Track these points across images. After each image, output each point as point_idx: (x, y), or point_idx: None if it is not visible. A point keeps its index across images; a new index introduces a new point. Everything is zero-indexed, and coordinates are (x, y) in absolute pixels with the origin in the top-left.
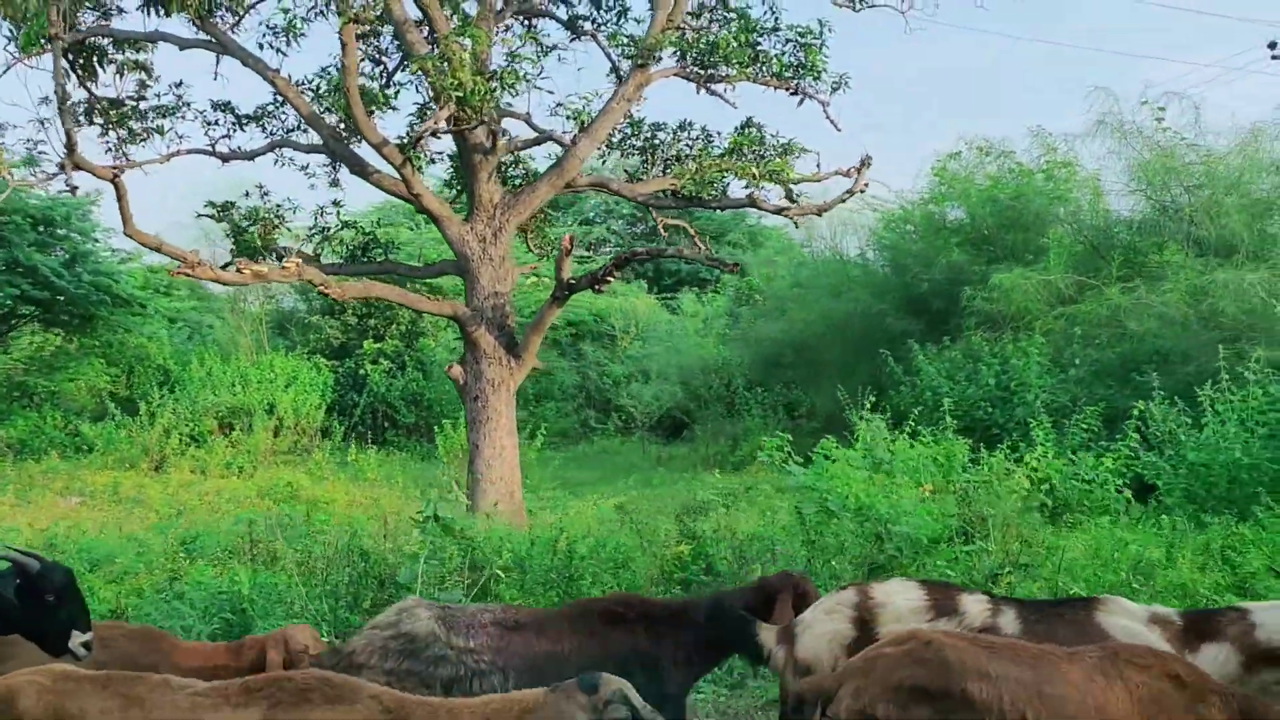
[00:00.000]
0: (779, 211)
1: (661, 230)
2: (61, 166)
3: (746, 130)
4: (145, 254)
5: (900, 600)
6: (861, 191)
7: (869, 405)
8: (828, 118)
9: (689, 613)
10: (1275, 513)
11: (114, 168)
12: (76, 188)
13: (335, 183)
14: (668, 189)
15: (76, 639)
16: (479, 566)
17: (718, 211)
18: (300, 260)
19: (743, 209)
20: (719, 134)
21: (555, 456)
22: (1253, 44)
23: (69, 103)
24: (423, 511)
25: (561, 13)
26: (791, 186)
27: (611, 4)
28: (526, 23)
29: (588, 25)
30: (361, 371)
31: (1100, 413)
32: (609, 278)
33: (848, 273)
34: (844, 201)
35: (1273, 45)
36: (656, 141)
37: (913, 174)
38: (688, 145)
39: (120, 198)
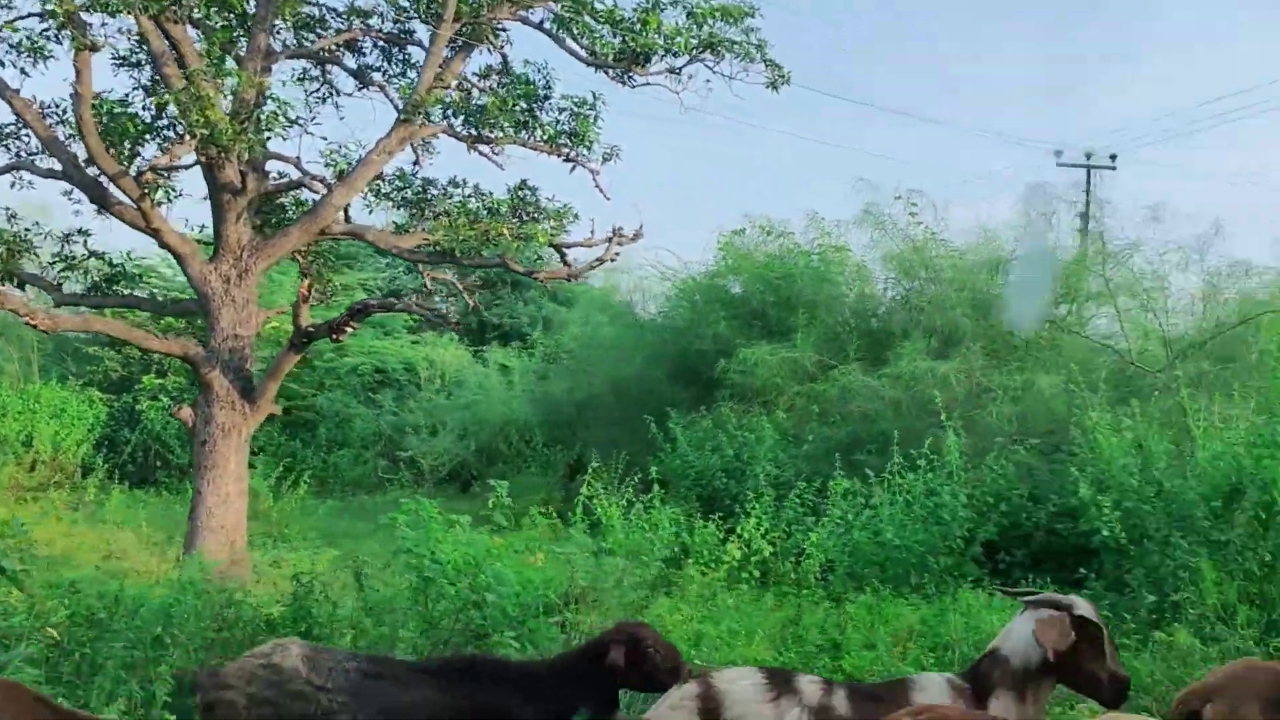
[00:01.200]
0: (528, 274)
1: (427, 284)
2: None
3: (519, 192)
4: None
5: (741, 685)
6: (612, 260)
7: (619, 471)
8: (596, 186)
9: (547, 672)
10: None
11: None
12: None
13: (79, 211)
14: (430, 244)
15: None
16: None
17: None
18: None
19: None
20: (490, 193)
21: (320, 505)
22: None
23: None
24: None
25: (350, 61)
26: (563, 250)
27: (400, 57)
28: (320, 67)
29: (377, 76)
30: (138, 407)
31: (817, 489)
32: (346, 327)
33: (637, 337)
34: (593, 269)
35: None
36: (428, 196)
37: (703, 247)
38: (458, 203)
39: None
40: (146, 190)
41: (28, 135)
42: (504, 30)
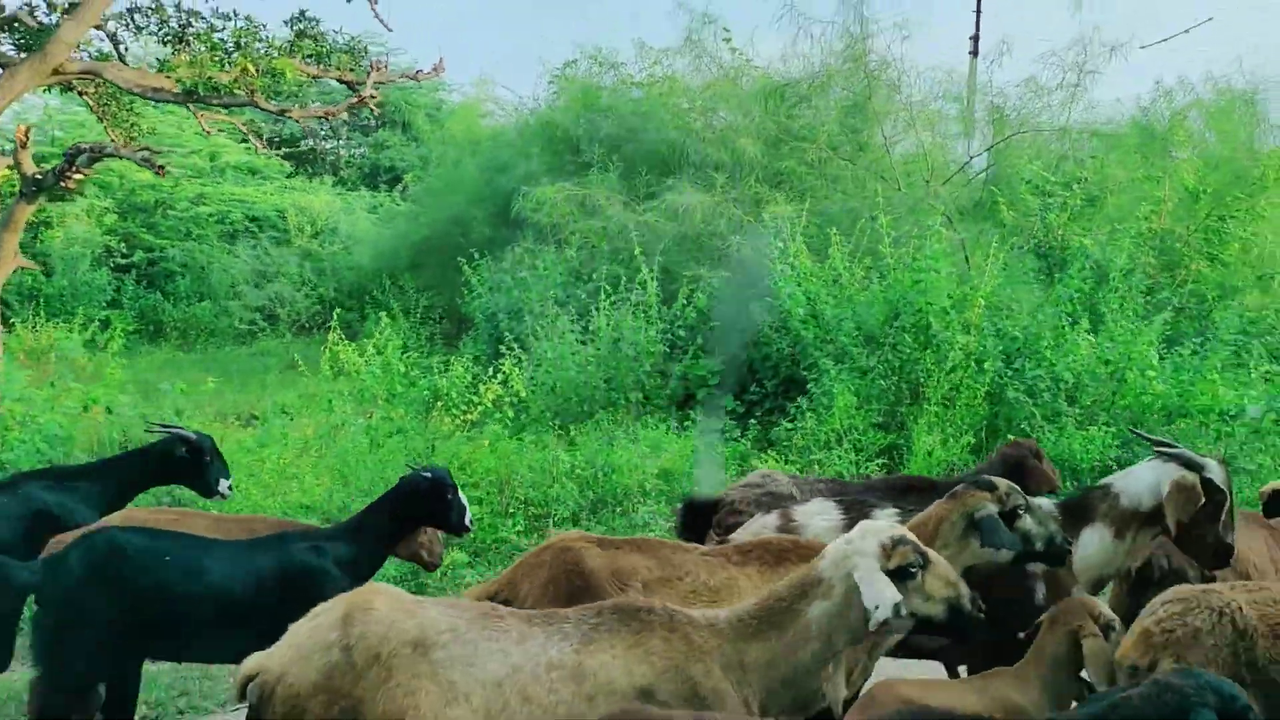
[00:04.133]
0: (281, 113)
1: (204, 127)
2: None
3: (298, 24)
4: None
5: (821, 519)
6: (372, 97)
7: (417, 315)
8: (376, 16)
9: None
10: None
11: None
12: None
13: None
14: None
15: (224, 484)
16: None
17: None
18: None
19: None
20: (264, 25)
21: (147, 357)
22: None
23: None
24: None
25: None
26: (355, 86)
27: None
28: None
29: None
30: None
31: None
32: (71, 174)
33: (464, 177)
34: (353, 108)
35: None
36: (191, 29)
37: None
38: (202, 36)
39: None
40: None
41: None
42: None
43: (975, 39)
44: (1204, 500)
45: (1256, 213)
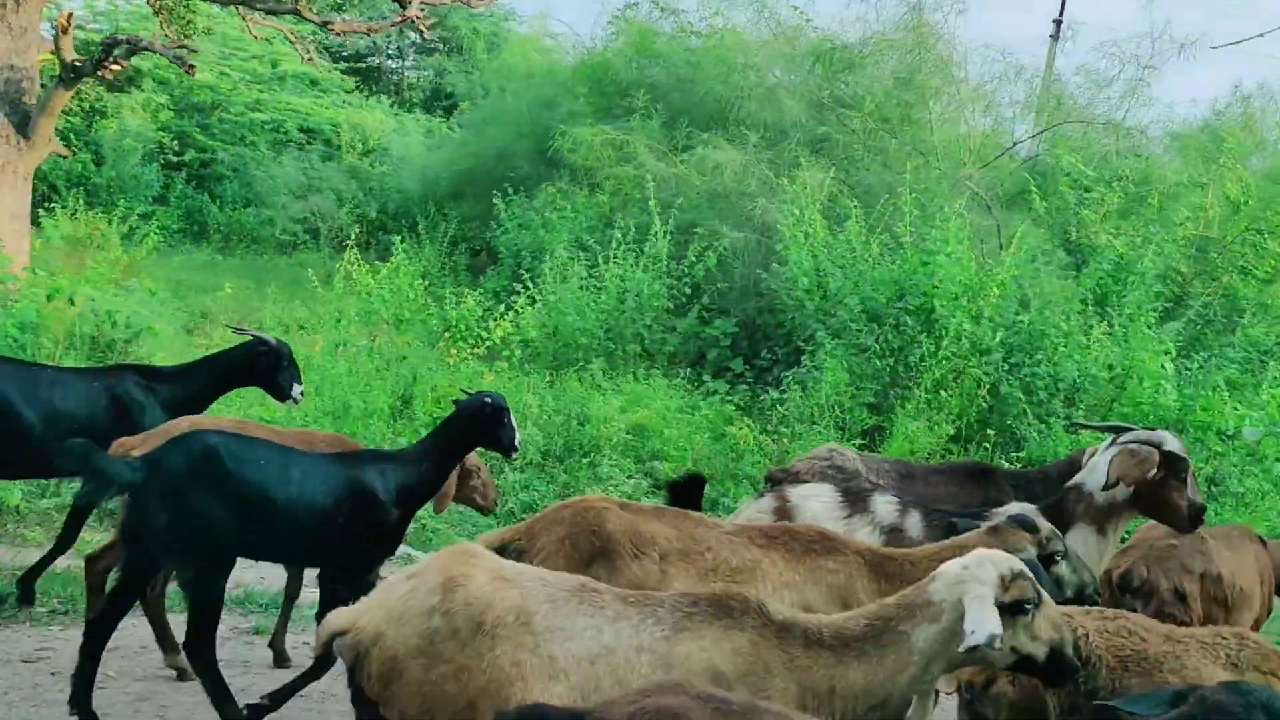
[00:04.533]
0: (324, 24)
1: (252, 32)
2: None
3: None
4: None
5: (817, 501)
6: (419, 16)
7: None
8: None
9: None
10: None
11: None
12: None
13: None
14: None
15: (296, 389)
16: None
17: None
18: None
19: None
20: None
21: (186, 256)
22: None
23: None
24: None
25: None
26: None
27: None
28: None
29: None
30: None
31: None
32: (109, 64)
33: (510, 111)
34: (399, 25)
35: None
36: None
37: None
38: None
39: None
40: None
41: None
42: None
43: (1059, 22)
44: (1165, 473)
45: None
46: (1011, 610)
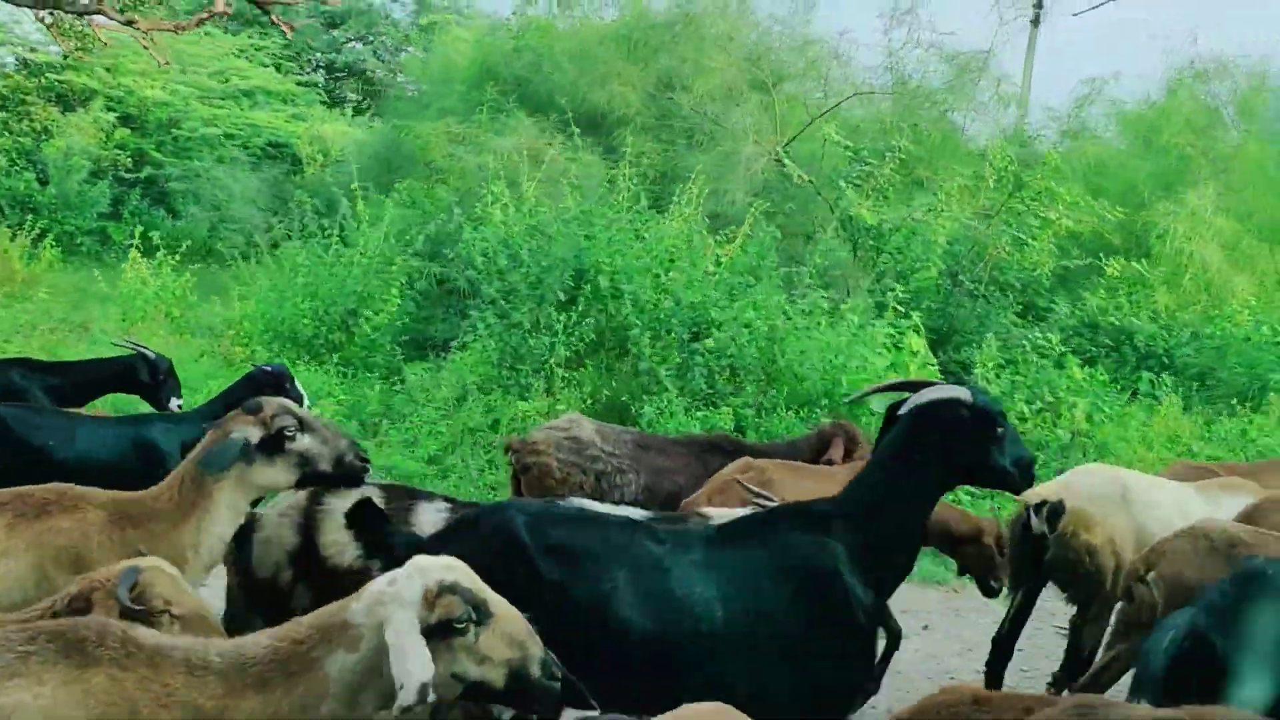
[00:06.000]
0: (128, 24)
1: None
2: None
3: None
4: None
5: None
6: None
7: None
8: None
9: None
10: None
11: None
12: None
13: None
14: None
15: (174, 402)
16: None
17: None
18: None
19: None
20: None
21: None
22: None
23: None
24: None
25: None
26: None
27: None
28: None
29: None
30: None
31: None
32: None
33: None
34: (201, 24)
35: None
36: None
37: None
38: None
39: None
40: None
41: None
42: None
43: None
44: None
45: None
46: (441, 633)
